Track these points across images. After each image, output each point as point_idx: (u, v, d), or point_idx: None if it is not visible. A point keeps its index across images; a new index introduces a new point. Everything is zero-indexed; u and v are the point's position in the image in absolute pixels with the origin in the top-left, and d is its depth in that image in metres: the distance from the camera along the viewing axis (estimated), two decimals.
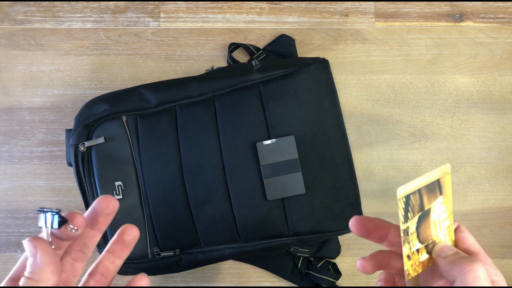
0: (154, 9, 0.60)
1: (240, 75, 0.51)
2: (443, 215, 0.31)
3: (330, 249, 0.56)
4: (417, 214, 0.30)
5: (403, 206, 0.29)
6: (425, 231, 0.30)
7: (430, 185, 0.30)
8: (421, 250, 0.31)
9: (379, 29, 0.60)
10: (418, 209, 0.30)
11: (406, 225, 0.29)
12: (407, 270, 0.31)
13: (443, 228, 0.31)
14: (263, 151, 0.49)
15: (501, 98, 0.59)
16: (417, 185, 0.29)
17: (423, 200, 0.30)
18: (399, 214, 0.29)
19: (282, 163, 0.49)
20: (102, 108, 0.50)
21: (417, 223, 0.30)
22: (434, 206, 0.30)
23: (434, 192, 0.30)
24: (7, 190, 0.58)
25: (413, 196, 0.29)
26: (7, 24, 0.60)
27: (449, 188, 0.31)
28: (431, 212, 0.30)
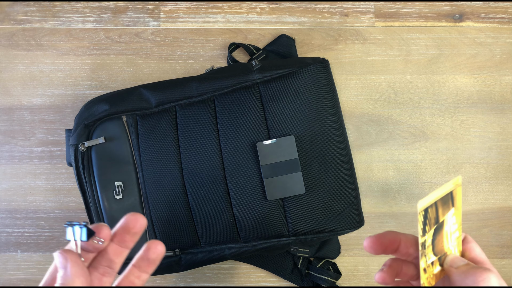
0: (154, 9, 0.60)
1: (240, 75, 0.51)
2: (454, 226, 0.31)
3: (330, 249, 0.56)
4: (433, 227, 0.30)
5: (422, 219, 0.29)
6: (439, 244, 0.31)
7: (444, 198, 0.30)
8: (435, 262, 0.31)
9: (379, 29, 0.60)
10: (434, 222, 0.30)
11: (424, 239, 0.29)
12: (423, 283, 0.31)
13: (454, 239, 0.31)
14: (263, 151, 0.49)
15: (501, 98, 0.59)
16: (434, 197, 0.29)
17: (438, 213, 0.30)
18: (418, 228, 0.29)
19: (282, 163, 0.49)
20: (102, 108, 0.50)
21: (433, 235, 0.30)
22: (447, 218, 0.30)
23: (448, 204, 0.30)
24: (7, 190, 0.58)
25: (430, 209, 0.29)
26: (7, 24, 0.60)
27: (460, 199, 0.31)
28: (444, 225, 0.30)
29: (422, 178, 0.58)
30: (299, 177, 0.49)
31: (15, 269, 0.57)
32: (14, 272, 0.57)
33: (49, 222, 0.57)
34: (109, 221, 0.49)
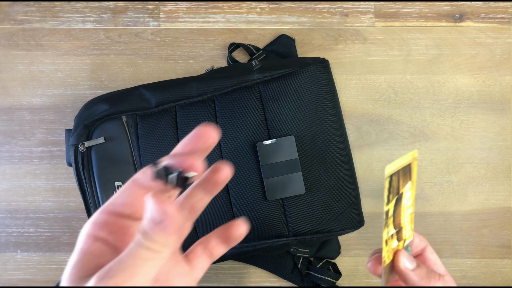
0: (154, 9, 0.60)
1: (240, 75, 0.51)
2: (409, 201, 0.30)
3: (330, 249, 0.56)
4: (395, 197, 0.29)
5: (388, 186, 0.27)
6: (398, 216, 0.30)
7: (405, 168, 0.29)
8: (394, 235, 0.30)
9: (379, 29, 0.60)
10: (396, 192, 0.28)
11: (387, 208, 0.28)
12: (384, 256, 0.30)
13: (408, 215, 0.30)
14: (263, 151, 0.48)
15: (501, 98, 0.59)
16: (399, 164, 0.28)
17: (399, 183, 0.28)
18: (384, 194, 0.28)
19: (282, 163, 0.49)
20: (102, 108, 0.50)
21: (394, 206, 0.29)
22: (404, 191, 0.29)
23: (406, 176, 0.29)
24: (7, 190, 0.58)
25: (395, 176, 0.28)
26: (7, 24, 0.60)
27: (415, 174, 0.30)
28: (403, 197, 0.29)
29: (422, 178, 0.58)
30: (299, 177, 0.49)
31: (15, 269, 0.57)
32: (14, 272, 0.57)
33: (49, 222, 0.57)
34: None
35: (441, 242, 0.57)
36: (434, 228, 0.57)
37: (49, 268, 0.57)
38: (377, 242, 0.57)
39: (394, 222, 0.29)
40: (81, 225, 0.56)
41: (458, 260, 0.57)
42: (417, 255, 0.36)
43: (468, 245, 0.57)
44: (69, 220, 0.57)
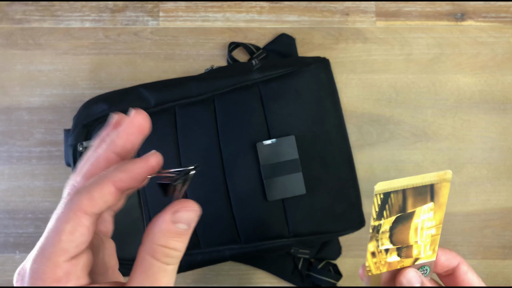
0: (153, 8, 0.60)
1: (240, 74, 0.50)
2: (429, 222, 0.29)
3: (330, 250, 0.56)
4: (395, 215, 0.28)
5: (378, 202, 0.28)
6: (401, 234, 0.29)
7: (419, 188, 0.28)
8: (391, 250, 0.30)
9: (380, 28, 0.60)
10: (398, 209, 0.28)
11: (378, 223, 0.28)
12: (368, 266, 0.30)
13: (426, 235, 0.30)
14: (263, 151, 0.48)
15: (503, 98, 0.59)
16: (401, 184, 0.28)
17: (406, 202, 0.28)
18: (372, 209, 0.28)
19: (282, 164, 0.48)
20: (101, 108, 0.50)
21: (393, 223, 0.29)
22: (419, 211, 0.29)
23: (424, 196, 0.29)
24: (5, 190, 0.57)
25: (395, 194, 0.28)
26: (5, 24, 0.60)
27: (445, 196, 0.29)
28: (414, 217, 0.29)
29: None
30: (299, 177, 0.48)
31: (13, 270, 0.57)
32: (12, 273, 0.57)
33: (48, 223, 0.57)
34: None
35: (442, 243, 0.57)
36: None
37: None
38: None
39: (392, 238, 0.29)
40: None
41: None
42: (447, 274, 0.33)
43: (469, 245, 0.57)
44: None
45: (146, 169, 0.24)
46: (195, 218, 0.23)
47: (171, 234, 0.22)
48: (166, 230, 0.22)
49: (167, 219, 0.22)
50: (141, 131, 0.25)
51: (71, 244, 0.21)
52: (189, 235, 0.23)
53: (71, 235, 0.21)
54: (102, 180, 0.22)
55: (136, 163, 0.24)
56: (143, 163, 0.24)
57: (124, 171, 0.23)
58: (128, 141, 0.25)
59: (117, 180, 0.22)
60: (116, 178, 0.22)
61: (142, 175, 0.24)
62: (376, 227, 0.29)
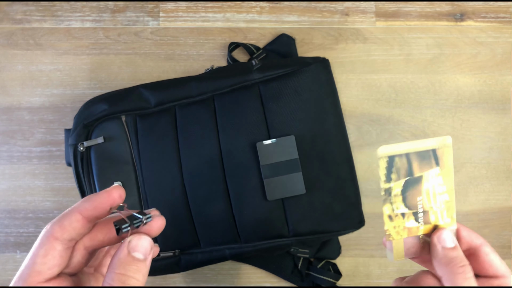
0: (154, 8, 0.60)
1: (240, 74, 0.50)
2: (440, 187, 0.30)
3: (330, 249, 0.56)
4: (403, 178, 0.30)
5: (385, 165, 0.29)
6: (413, 198, 0.30)
7: (422, 153, 0.30)
8: (408, 215, 0.31)
9: (380, 28, 0.60)
10: (405, 173, 0.30)
11: (388, 185, 0.30)
12: (388, 230, 0.31)
13: (440, 201, 0.31)
14: (263, 151, 0.48)
15: (502, 98, 0.59)
16: (404, 149, 0.29)
17: (412, 166, 0.30)
18: (379, 172, 0.30)
19: (282, 163, 0.48)
20: (101, 107, 0.50)
21: (404, 186, 0.30)
22: (427, 175, 0.30)
23: (428, 161, 0.30)
24: (6, 190, 0.58)
25: (399, 158, 0.29)
26: (6, 24, 0.60)
27: (449, 161, 0.30)
28: (423, 181, 0.30)
29: None
30: (299, 177, 0.48)
31: (14, 269, 0.57)
32: (13, 272, 0.57)
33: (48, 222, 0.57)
34: None
35: None
36: None
37: None
38: (377, 242, 0.57)
39: (405, 202, 0.30)
40: None
41: None
42: (469, 254, 0.32)
43: None
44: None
45: (108, 200, 0.27)
46: (148, 247, 0.26)
47: (128, 262, 0.25)
48: (123, 259, 0.25)
49: (125, 249, 0.25)
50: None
51: (44, 267, 0.24)
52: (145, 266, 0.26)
53: (44, 258, 0.24)
54: (71, 210, 0.26)
55: (100, 195, 0.27)
56: (106, 195, 0.27)
57: (88, 201, 0.26)
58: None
59: (82, 209, 0.26)
60: (82, 207, 0.26)
61: (105, 206, 0.27)
62: (387, 190, 0.30)
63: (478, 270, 0.31)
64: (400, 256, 0.32)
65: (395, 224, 0.31)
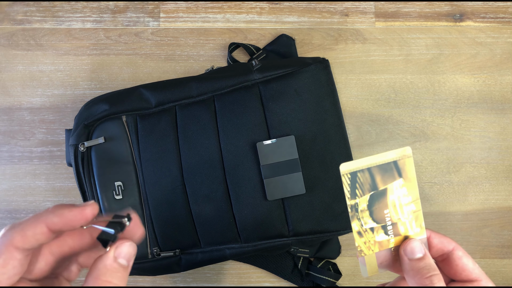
0: (154, 9, 0.60)
1: (240, 75, 0.50)
2: (405, 198, 0.31)
3: (330, 249, 0.56)
4: (368, 193, 0.30)
5: (348, 182, 0.30)
6: (380, 211, 0.31)
7: (383, 166, 0.30)
8: (377, 229, 0.31)
9: (379, 29, 0.60)
10: (369, 187, 0.30)
11: (354, 201, 0.30)
12: (359, 246, 0.31)
13: (408, 212, 0.31)
14: (263, 151, 0.48)
15: (501, 98, 0.59)
16: (364, 164, 0.30)
17: (375, 179, 0.30)
18: (344, 189, 0.30)
19: (282, 163, 0.49)
20: (102, 108, 0.50)
21: (369, 201, 0.30)
22: (391, 187, 0.30)
23: (391, 173, 0.30)
24: (7, 190, 0.58)
25: (361, 173, 0.30)
26: (7, 24, 0.60)
27: (412, 171, 0.30)
28: (388, 193, 0.30)
29: (422, 178, 0.58)
30: (299, 177, 0.49)
31: None
32: None
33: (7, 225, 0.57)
34: None
35: None
36: (434, 228, 0.57)
37: None
38: None
39: (372, 216, 0.31)
40: None
41: None
42: (442, 259, 0.32)
43: (468, 245, 0.57)
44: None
45: (80, 218, 0.25)
46: (133, 253, 0.26)
47: (114, 269, 0.25)
48: (110, 265, 0.25)
49: (111, 255, 0.25)
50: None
51: (3, 276, 0.23)
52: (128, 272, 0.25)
53: (3, 268, 0.23)
54: (36, 220, 0.24)
55: (72, 210, 0.25)
56: (78, 212, 0.25)
57: (59, 216, 0.25)
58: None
59: (50, 223, 0.25)
60: (50, 221, 0.24)
61: (75, 223, 0.25)
62: (353, 206, 0.30)
63: (452, 274, 0.31)
64: (374, 271, 0.33)
65: (365, 239, 0.31)
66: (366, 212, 0.30)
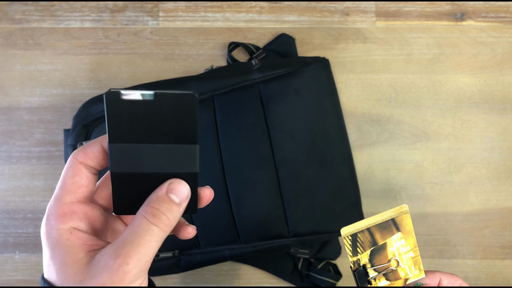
0: (153, 8, 0.60)
1: (240, 74, 0.50)
2: (404, 248, 0.34)
3: (330, 250, 0.56)
4: (368, 249, 0.33)
5: (349, 243, 0.33)
6: (381, 262, 0.34)
7: (382, 224, 0.33)
8: (379, 277, 0.34)
9: (380, 28, 0.60)
10: (370, 244, 0.33)
11: (356, 258, 0.33)
12: None
13: (407, 259, 0.34)
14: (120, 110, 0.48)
15: (502, 98, 0.59)
16: (363, 225, 0.33)
17: (374, 237, 0.33)
18: (346, 249, 0.33)
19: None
20: (101, 108, 0.50)
21: (371, 255, 0.33)
22: (390, 241, 0.33)
23: (389, 229, 0.33)
24: (5, 190, 0.57)
25: (361, 234, 0.33)
26: (5, 23, 0.60)
27: (409, 224, 0.33)
28: (387, 246, 0.34)
29: (423, 178, 0.58)
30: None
31: (13, 270, 0.57)
32: (12, 273, 0.57)
33: None
34: None
35: (442, 243, 0.57)
36: (435, 228, 0.57)
37: None
38: None
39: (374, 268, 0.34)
40: None
41: (459, 260, 0.57)
42: None
43: (469, 245, 0.57)
44: None
45: None
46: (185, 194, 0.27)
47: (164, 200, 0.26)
48: (160, 196, 0.26)
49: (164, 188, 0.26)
50: None
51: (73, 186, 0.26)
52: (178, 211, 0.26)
53: (72, 178, 0.26)
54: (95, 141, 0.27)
55: None
56: None
57: None
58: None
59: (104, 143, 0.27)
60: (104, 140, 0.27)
61: None
62: (355, 261, 0.33)
63: None
64: None
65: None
66: (368, 264, 0.33)
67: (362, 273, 0.33)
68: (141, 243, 0.24)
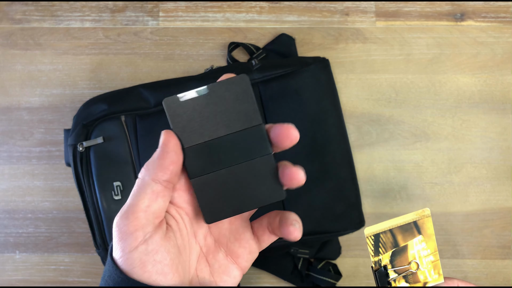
0: (153, 8, 0.60)
1: None
2: (424, 251, 0.35)
3: (330, 250, 0.56)
4: (390, 250, 0.34)
5: (371, 243, 0.34)
6: (401, 264, 0.34)
7: (404, 226, 0.34)
8: (399, 279, 0.35)
9: (380, 28, 0.60)
10: (391, 245, 0.34)
11: (378, 258, 0.34)
12: None
13: (426, 262, 0.35)
14: (179, 114, 0.48)
15: (502, 98, 0.59)
16: (386, 226, 0.34)
17: (396, 238, 0.34)
18: (368, 249, 0.34)
19: (229, 138, 0.48)
20: (101, 108, 0.50)
21: (392, 257, 0.34)
22: (411, 244, 0.34)
23: (411, 232, 0.34)
24: (5, 190, 0.57)
25: (384, 234, 0.34)
26: (6, 24, 0.60)
27: (430, 228, 0.34)
28: (408, 249, 0.34)
29: (423, 178, 0.58)
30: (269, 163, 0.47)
31: (13, 270, 0.57)
32: (12, 273, 0.57)
33: (48, 223, 0.57)
34: (108, 222, 0.49)
35: (442, 243, 0.57)
36: (435, 228, 0.57)
37: (48, 269, 0.57)
38: None
39: (394, 269, 0.34)
40: (79, 225, 0.56)
41: (459, 260, 0.57)
42: None
43: (469, 245, 0.57)
44: (68, 220, 0.57)
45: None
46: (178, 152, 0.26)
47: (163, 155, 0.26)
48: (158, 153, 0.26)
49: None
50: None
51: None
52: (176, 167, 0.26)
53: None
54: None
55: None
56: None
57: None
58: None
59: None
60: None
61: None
62: (377, 262, 0.34)
63: None
64: None
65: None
66: (388, 265, 0.34)
67: (383, 273, 0.34)
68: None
